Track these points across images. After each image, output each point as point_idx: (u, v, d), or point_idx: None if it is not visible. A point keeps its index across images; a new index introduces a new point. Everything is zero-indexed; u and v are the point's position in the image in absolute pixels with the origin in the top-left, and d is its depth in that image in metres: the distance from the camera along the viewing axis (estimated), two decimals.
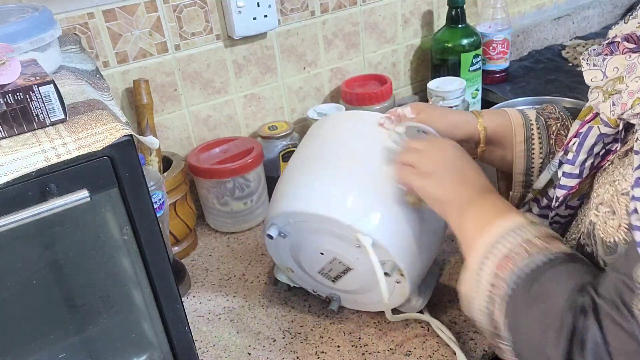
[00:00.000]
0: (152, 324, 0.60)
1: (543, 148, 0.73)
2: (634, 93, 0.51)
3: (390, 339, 0.77)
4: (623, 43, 0.56)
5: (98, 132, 0.48)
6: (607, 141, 0.59)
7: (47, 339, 0.58)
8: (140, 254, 0.54)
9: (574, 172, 0.61)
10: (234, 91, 1.07)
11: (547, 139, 0.73)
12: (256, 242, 1.01)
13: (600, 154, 0.60)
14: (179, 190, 0.94)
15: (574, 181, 0.61)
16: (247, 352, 0.78)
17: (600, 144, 0.59)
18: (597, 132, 0.59)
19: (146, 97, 0.93)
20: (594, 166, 0.61)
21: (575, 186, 0.61)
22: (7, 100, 0.46)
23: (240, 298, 0.88)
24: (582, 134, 0.60)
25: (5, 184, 0.45)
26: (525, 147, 0.74)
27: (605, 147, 0.60)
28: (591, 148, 0.59)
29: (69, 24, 0.88)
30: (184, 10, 0.97)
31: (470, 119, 0.75)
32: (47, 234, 0.53)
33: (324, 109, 1.08)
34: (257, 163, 1.00)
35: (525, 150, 0.74)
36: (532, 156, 0.74)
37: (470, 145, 0.76)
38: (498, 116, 0.76)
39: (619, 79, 0.54)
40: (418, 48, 1.28)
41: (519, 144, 0.74)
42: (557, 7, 1.54)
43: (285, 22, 1.08)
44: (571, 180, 0.62)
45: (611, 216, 0.52)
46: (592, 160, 0.60)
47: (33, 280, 0.54)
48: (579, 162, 0.60)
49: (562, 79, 1.31)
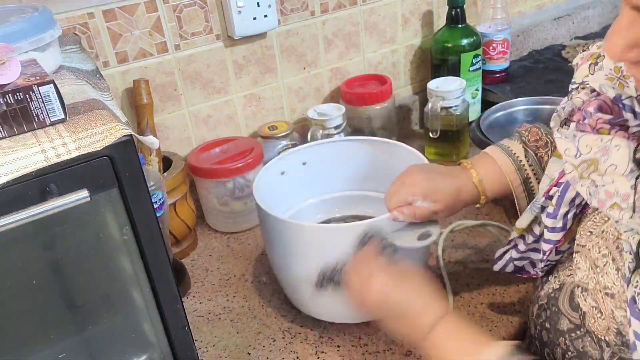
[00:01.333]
0: (152, 324, 0.60)
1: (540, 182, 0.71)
2: (612, 195, 0.48)
3: (390, 339, 0.77)
4: (596, 114, 0.52)
5: (98, 132, 0.47)
6: None
7: (47, 339, 0.58)
8: (140, 254, 0.54)
9: (557, 226, 0.58)
10: (234, 91, 1.07)
11: (542, 172, 0.70)
12: (256, 242, 1.01)
13: (582, 203, 0.57)
14: (179, 190, 0.94)
15: (558, 235, 0.59)
16: (247, 352, 0.78)
17: (581, 196, 0.56)
18: None
19: (146, 97, 0.93)
20: (576, 215, 0.58)
21: (561, 239, 0.59)
22: (7, 100, 0.46)
23: (240, 298, 0.88)
24: (562, 186, 0.57)
25: (5, 184, 0.45)
26: (524, 188, 0.72)
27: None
28: (572, 200, 0.57)
29: (69, 24, 0.88)
30: (184, 10, 0.97)
31: (466, 179, 0.72)
32: (47, 234, 0.53)
33: (324, 109, 1.08)
34: (257, 163, 1.00)
35: (524, 191, 0.72)
36: (533, 193, 0.72)
37: (471, 202, 0.74)
38: (488, 167, 0.73)
39: (593, 163, 0.51)
40: (418, 48, 1.28)
41: (517, 187, 0.72)
42: (557, 7, 1.54)
43: (285, 22, 1.08)
44: (555, 234, 0.59)
45: (599, 314, 0.51)
46: (574, 211, 0.57)
47: (33, 280, 0.54)
48: (560, 215, 0.58)
49: (562, 79, 1.30)
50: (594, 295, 0.52)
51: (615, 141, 0.49)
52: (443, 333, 0.59)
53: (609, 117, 0.51)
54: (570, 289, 0.57)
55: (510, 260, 0.70)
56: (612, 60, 0.52)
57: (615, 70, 0.52)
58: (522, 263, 0.69)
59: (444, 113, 1.10)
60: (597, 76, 0.54)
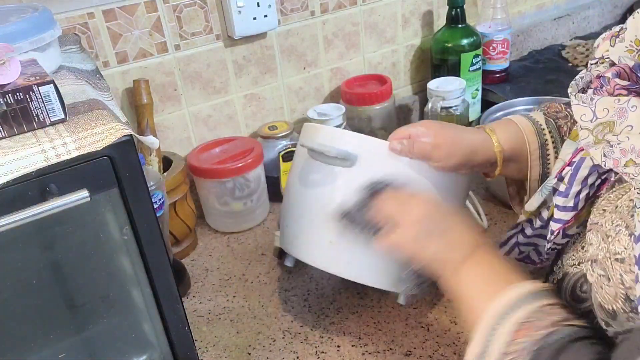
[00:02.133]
0: (152, 324, 0.60)
1: (557, 151, 0.70)
2: (627, 153, 0.48)
3: (390, 339, 0.77)
4: (614, 80, 0.52)
5: (98, 132, 0.48)
6: (601, 171, 0.56)
7: (47, 339, 0.58)
8: (140, 254, 0.54)
9: (568, 205, 0.58)
10: (234, 91, 1.07)
11: (560, 142, 0.70)
12: (256, 242, 1.01)
13: (596, 184, 0.56)
14: (179, 190, 0.94)
15: (569, 214, 0.58)
16: (247, 352, 0.78)
17: (594, 175, 0.56)
18: (590, 162, 0.55)
19: (146, 97, 0.93)
20: (589, 197, 0.57)
21: (571, 219, 0.58)
22: (7, 100, 0.46)
23: (240, 298, 0.88)
24: (575, 164, 0.57)
25: (5, 184, 0.45)
26: (540, 154, 0.71)
27: (600, 177, 0.56)
28: (585, 179, 0.56)
29: (69, 24, 0.88)
30: (184, 10, 0.97)
31: (486, 142, 0.71)
32: (47, 234, 0.53)
33: (324, 109, 1.08)
34: (257, 163, 1.00)
35: (540, 157, 0.71)
36: (548, 162, 0.71)
37: (485, 167, 0.73)
38: (509, 129, 0.72)
39: (609, 125, 0.51)
40: (418, 48, 1.28)
41: (534, 151, 0.71)
42: (557, 7, 1.54)
43: (285, 22, 1.08)
44: (566, 213, 0.58)
45: (606, 282, 0.50)
46: (587, 191, 0.57)
47: (33, 280, 0.54)
48: (572, 194, 0.57)
49: (562, 79, 1.30)
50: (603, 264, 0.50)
51: (633, 102, 0.49)
52: (473, 268, 0.58)
53: (626, 83, 0.51)
54: (574, 279, 0.57)
55: (516, 245, 0.69)
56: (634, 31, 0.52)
57: (636, 43, 0.52)
58: (528, 249, 0.68)
59: (444, 113, 1.10)
60: (617, 48, 0.54)
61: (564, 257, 0.61)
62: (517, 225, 0.69)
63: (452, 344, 0.75)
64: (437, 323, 0.78)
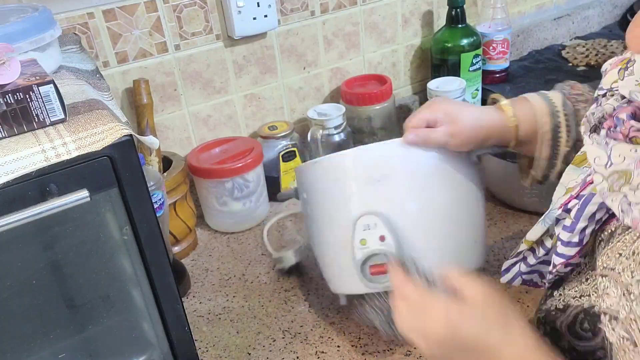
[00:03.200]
0: (152, 324, 0.60)
1: (571, 136, 0.68)
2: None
3: (390, 339, 0.77)
4: (629, 122, 0.48)
5: (98, 132, 0.48)
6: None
7: (47, 339, 0.58)
8: (140, 254, 0.54)
9: (573, 240, 0.55)
10: (234, 91, 1.07)
11: (575, 126, 0.68)
12: (256, 242, 1.01)
13: (603, 219, 0.53)
14: (179, 190, 0.94)
15: (573, 250, 0.55)
16: (247, 352, 0.78)
17: (602, 211, 0.53)
18: (599, 199, 0.52)
19: (146, 97, 0.93)
20: (594, 232, 0.54)
21: (575, 255, 0.55)
22: (7, 100, 0.46)
23: (240, 298, 0.88)
24: (584, 199, 0.53)
25: (5, 184, 0.45)
26: (551, 135, 0.69)
27: (608, 212, 0.53)
28: (592, 215, 0.53)
29: (69, 24, 0.88)
30: (184, 10, 0.97)
31: (499, 119, 0.70)
32: (47, 234, 0.53)
33: (324, 109, 1.08)
34: (256, 163, 1.00)
35: (551, 139, 0.69)
36: (559, 144, 0.69)
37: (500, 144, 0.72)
38: (523, 107, 0.71)
39: (625, 174, 0.47)
40: (418, 48, 1.28)
41: (546, 133, 0.69)
42: (557, 7, 1.54)
43: (285, 22, 1.08)
44: (570, 249, 0.55)
45: (631, 347, 0.46)
46: (593, 227, 0.54)
47: (33, 280, 0.54)
48: (578, 229, 0.54)
49: (562, 79, 1.28)
50: (627, 326, 0.46)
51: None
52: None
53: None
54: (574, 313, 0.54)
55: (519, 274, 0.66)
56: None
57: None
58: (531, 276, 0.66)
59: None
60: (627, 82, 0.50)
61: (565, 285, 0.59)
62: (518, 253, 0.66)
63: None
64: None
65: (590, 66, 1.36)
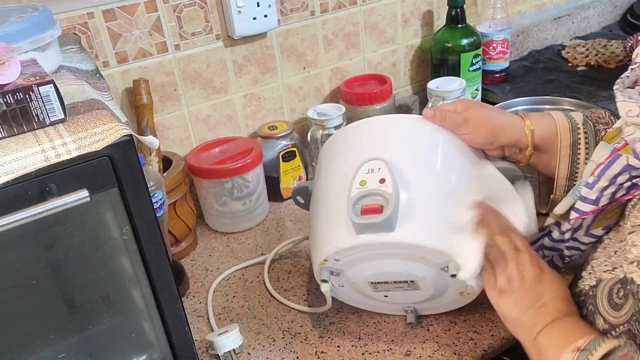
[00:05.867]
0: (152, 324, 0.60)
1: (590, 153, 0.69)
2: None
3: (390, 339, 0.77)
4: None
5: (98, 132, 0.48)
6: (634, 174, 0.55)
7: (47, 339, 0.58)
8: (140, 254, 0.54)
9: (589, 197, 0.57)
10: (234, 91, 1.07)
11: (595, 145, 0.69)
12: (256, 242, 1.01)
13: (625, 185, 0.56)
14: (178, 190, 0.94)
15: (588, 207, 0.58)
16: (247, 352, 0.78)
17: (626, 174, 0.55)
18: (624, 161, 0.55)
19: (146, 97, 0.93)
20: (614, 197, 0.56)
21: (589, 213, 0.58)
22: (7, 100, 0.46)
23: (240, 298, 0.88)
24: (609, 160, 0.56)
25: (5, 184, 0.45)
26: (570, 151, 0.70)
27: (631, 179, 0.55)
28: (615, 176, 0.55)
29: (69, 24, 0.88)
30: (184, 10, 0.97)
31: (516, 122, 0.72)
32: (47, 234, 0.53)
33: (324, 109, 1.08)
34: (256, 163, 1.00)
35: (570, 154, 0.70)
36: (578, 161, 0.70)
37: (515, 150, 0.73)
38: (544, 119, 0.73)
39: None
40: (418, 48, 1.28)
41: (565, 148, 0.71)
42: (557, 7, 1.54)
43: (285, 22, 1.08)
44: (586, 205, 0.58)
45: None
46: (613, 189, 0.56)
47: (33, 280, 0.54)
48: (597, 187, 0.56)
49: (562, 79, 1.30)
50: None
51: None
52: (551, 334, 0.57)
53: None
54: (610, 285, 0.56)
55: (541, 247, 0.68)
56: None
57: None
58: (552, 254, 0.68)
59: None
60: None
61: (594, 263, 0.60)
62: (544, 227, 0.68)
63: (452, 344, 0.75)
64: (437, 323, 0.78)
65: (590, 66, 1.36)
